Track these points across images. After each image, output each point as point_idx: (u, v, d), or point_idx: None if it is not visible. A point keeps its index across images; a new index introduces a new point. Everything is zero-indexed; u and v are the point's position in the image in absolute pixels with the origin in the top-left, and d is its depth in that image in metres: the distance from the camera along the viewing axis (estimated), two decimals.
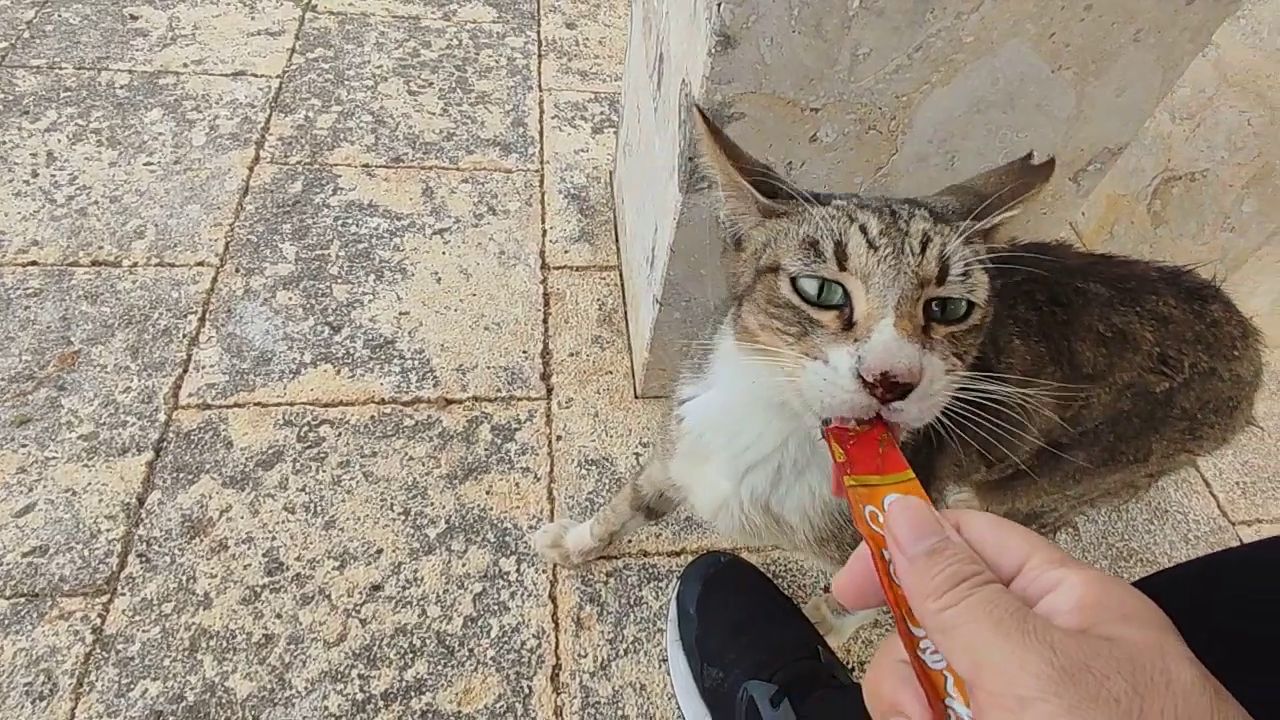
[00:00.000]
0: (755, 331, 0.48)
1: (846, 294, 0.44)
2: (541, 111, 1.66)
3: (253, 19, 1.74)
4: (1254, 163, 1.21)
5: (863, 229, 0.45)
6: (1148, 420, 0.76)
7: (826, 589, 1.05)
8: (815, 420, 0.44)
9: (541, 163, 1.55)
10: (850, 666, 0.98)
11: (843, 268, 0.44)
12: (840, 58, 0.72)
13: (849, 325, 0.43)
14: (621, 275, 1.37)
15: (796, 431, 0.55)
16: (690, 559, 1.00)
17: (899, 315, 0.41)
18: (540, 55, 1.79)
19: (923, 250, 0.44)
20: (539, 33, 1.84)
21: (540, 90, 1.70)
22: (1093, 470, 0.79)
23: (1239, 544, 1.16)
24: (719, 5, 0.67)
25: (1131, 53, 0.77)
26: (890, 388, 0.39)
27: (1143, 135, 1.36)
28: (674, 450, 0.69)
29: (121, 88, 1.54)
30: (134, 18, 1.69)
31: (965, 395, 0.43)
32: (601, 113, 1.67)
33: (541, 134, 1.61)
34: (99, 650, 0.90)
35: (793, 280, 0.45)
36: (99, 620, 0.92)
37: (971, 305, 0.45)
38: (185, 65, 1.61)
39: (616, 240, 1.42)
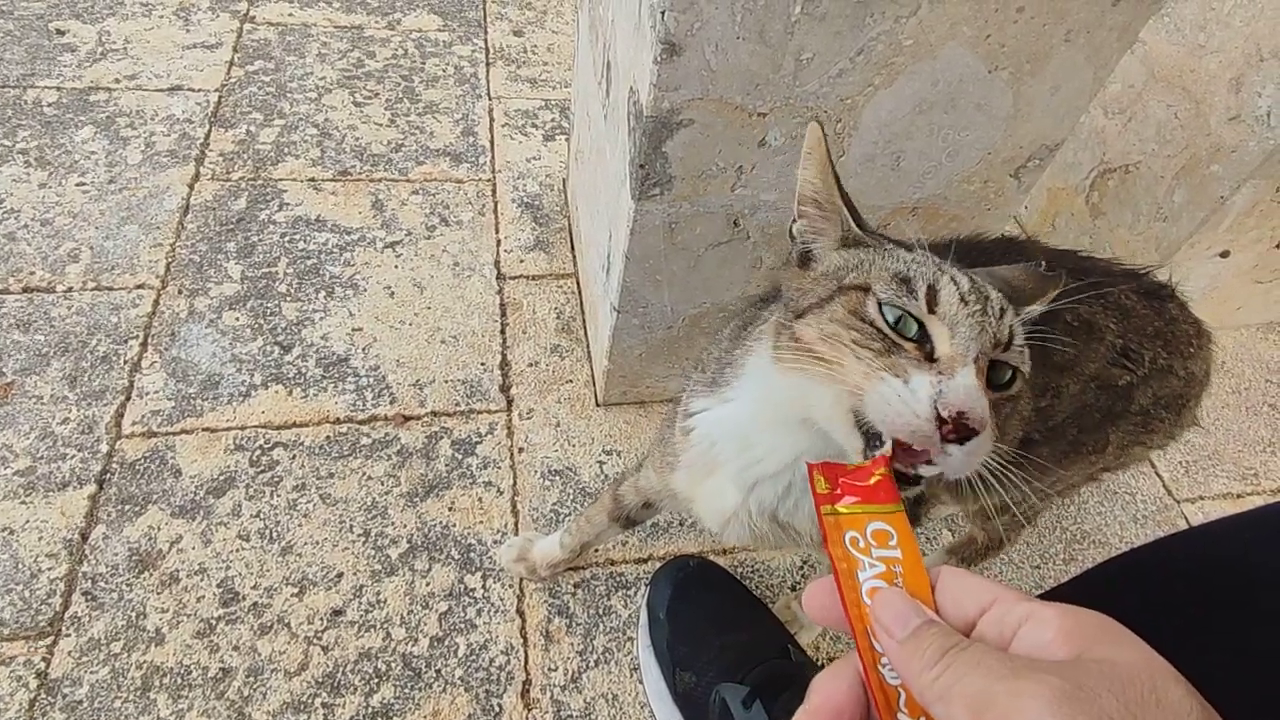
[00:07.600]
0: (814, 342, 0.48)
1: (924, 333, 0.46)
2: (491, 120, 1.64)
3: (188, 31, 1.69)
4: (1182, 154, 1.26)
5: (954, 281, 0.48)
6: (1107, 413, 0.78)
7: (794, 588, 1.06)
8: (858, 441, 0.45)
9: (493, 172, 1.54)
10: (820, 663, 0.99)
11: (931, 310, 0.47)
12: (785, 63, 0.73)
13: (931, 359, 0.45)
14: (578, 283, 1.36)
15: (811, 450, 0.56)
16: (658, 565, 1.00)
17: (976, 368, 0.44)
18: (488, 63, 1.77)
19: (1001, 316, 0.48)
20: (486, 40, 1.83)
21: (490, 98, 1.69)
22: (1057, 463, 0.80)
23: (1186, 527, 1.20)
24: (663, 13, 0.67)
25: (1063, 52, 0.79)
26: (959, 428, 0.41)
27: (1078, 130, 1.41)
28: (677, 462, 0.68)
29: (49, 105, 1.48)
30: (60, 32, 1.63)
31: (995, 470, 0.45)
32: (552, 120, 1.67)
33: (492, 143, 1.59)
34: (44, 695, 0.86)
35: (879, 304, 0.47)
36: (43, 664, 0.88)
37: (1015, 374, 0.49)
38: (117, 81, 1.55)
39: (572, 248, 1.42)
